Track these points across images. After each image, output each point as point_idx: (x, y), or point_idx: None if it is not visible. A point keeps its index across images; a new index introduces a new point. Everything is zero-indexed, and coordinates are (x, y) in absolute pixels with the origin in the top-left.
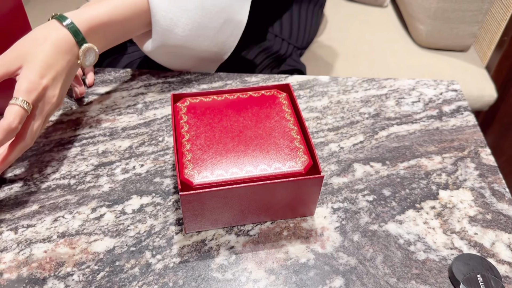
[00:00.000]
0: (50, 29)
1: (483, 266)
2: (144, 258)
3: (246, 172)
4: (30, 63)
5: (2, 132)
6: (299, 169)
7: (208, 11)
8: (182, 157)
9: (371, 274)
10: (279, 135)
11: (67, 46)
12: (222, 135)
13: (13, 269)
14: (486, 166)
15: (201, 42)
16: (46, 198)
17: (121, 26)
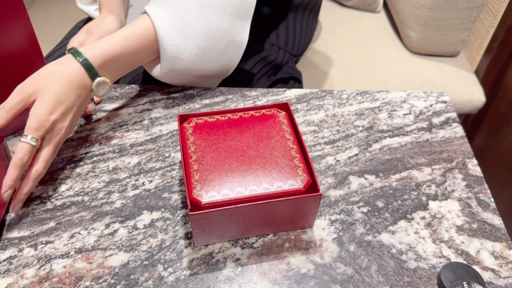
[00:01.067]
0: (66, 66)
1: (469, 274)
2: (156, 271)
3: (250, 191)
4: (42, 98)
5: (15, 167)
6: (299, 187)
7: (211, 36)
8: (191, 177)
9: (367, 283)
10: (279, 154)
11: (80, 81)
12: (227, 155)
13: (36, 284)
14: (473, 176)
15: (206, 64)
16: (62, 215)
17: (131, 57)
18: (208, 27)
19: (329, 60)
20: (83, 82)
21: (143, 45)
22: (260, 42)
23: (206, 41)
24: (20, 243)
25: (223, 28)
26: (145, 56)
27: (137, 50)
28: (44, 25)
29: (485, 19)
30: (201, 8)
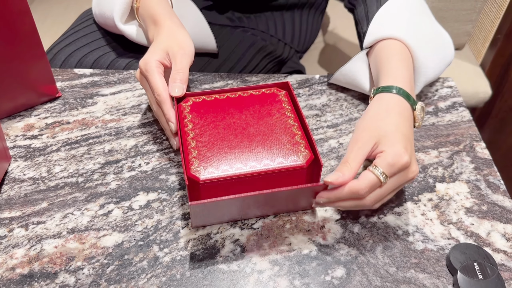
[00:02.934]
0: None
1: (480, 255)
2: (152, 251)
3: (250, 167)
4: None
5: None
6: (301, 163)
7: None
8: (188, 154)
9: (372, 264)
10: (280, 131)
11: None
12: (226, 132)
13: (25, 264)
14: (481, 159)
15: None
16: (55, 196)
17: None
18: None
19: (332, 56)
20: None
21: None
22: (268, 37)
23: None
24: (10, 223)
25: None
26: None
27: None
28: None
29: (490, 10)
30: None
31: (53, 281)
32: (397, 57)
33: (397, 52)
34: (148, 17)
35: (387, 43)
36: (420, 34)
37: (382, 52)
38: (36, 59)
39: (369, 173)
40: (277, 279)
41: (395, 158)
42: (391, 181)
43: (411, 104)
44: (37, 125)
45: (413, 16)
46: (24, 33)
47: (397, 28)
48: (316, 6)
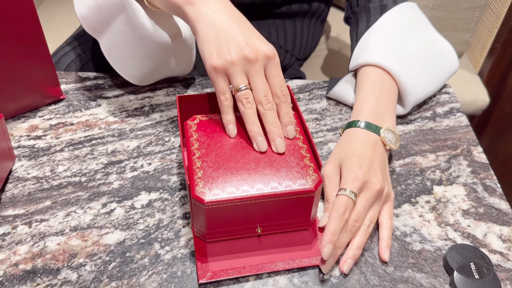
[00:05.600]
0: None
1: (476, 255)
2: (153, 249)
3: (257, 190)
4: None
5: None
6: (310, 187)
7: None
8: (193, 175)
9: (370, 263)
10: (289, 153)
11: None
12: (233, 153)
13: (28, 260)
14: (478, 163)
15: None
16: (58, 195)
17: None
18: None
19: (332, 64)
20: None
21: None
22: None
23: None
24: (14, 220)
25: None
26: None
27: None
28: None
29: (487, 20)
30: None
31: (55, 277)
32: (368, 87)
33: (369, 81)
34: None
35: (365, 69)
36: (406, 55)
37: (359, 80)
38: (41, 62)
39: (338, 197)
40: (277, 277)
41: (351, 176)
42: (361, 197)
43: (373, 131)
44: (41, 126)
45: (400, 37)
46: (30, 36)
47: (377, 54)
48: (318, 15)
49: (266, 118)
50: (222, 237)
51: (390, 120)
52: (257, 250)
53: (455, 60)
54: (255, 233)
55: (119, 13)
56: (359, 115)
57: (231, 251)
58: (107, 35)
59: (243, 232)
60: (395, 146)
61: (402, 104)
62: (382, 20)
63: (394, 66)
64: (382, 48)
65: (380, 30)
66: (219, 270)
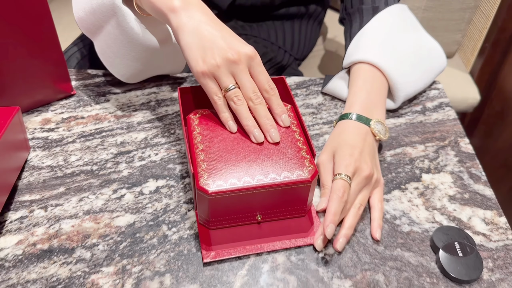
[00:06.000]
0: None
1: (460, 236)
2: (161, 230)
3: (258, 180)
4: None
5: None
6: (307, 177)
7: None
8: (197, 167)
9: (361, 243)
10: (286, 145)
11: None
12: (234, 146)
13: (45, 240)
14: (465, 153)
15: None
16: (71, 182)
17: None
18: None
19: (328, 63)
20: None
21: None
22: (269, 44)
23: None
24: (31, 205)
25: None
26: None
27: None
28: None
29: (478, 21)
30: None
31: (70, 255)
32: (360, 82)
33: (361, 77)
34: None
35: (358, 66)
36: (397, 53)
37: (352, 76)
38: (53, 59)
39: (335, 181)
40: (275, 255)
41: (344, 162)
42: (352, 182)
43: (363, 122)
44: (54, 119)
45: (391, 36)
46: (44, 35)
47: (369, 52)
48: (315, 16)
49: (258, 112)
50: (224, 225)
51: (380, 113)
52: (257, 235)
53: (443, 58)
54: (255, 220)
55: (111, 17)
56: (351, 108)
57: (232, 236)
58: (100, 36)
59: (244, 220)
60: (385, 137)
61: (393, 99)
62: (374, 20)
63: (385, 64)
64: (374, 47)
65: (372, 30)
66: (222, 250)
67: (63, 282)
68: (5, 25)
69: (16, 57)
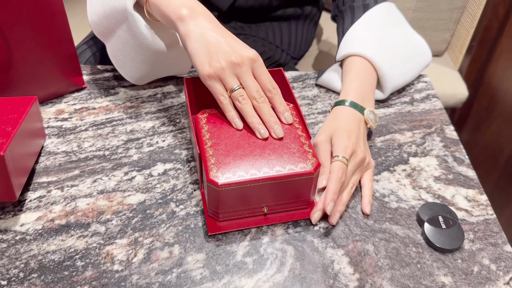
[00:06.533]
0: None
1: (444, 211)
2: (169, 207)
3: (264, 173)
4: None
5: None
6: (310, 169)
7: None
8: (207, 162)
9: (353, 218)
10: (290, 140)
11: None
12: (240, 142)
13: (62, 217)
14: (450, 139)
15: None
16: (85, 165)
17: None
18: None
19: (324, 62)
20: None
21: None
22: (267, 43)
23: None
24: (48, 186)
25: None
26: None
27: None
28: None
29: (465, 21)
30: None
31: (86, 229)
32: (354, 73)
33: (355, 68)
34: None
35: (351, 59)
36: (386, 47)
37: (345, 67)
38: (67, 55)
39: (334, 163)
40: (274, 228)
41: (342, 144)
42: (350, 164)
43: (358, 110)
44: (67, 110)
45: (381, 32)
46: (58, 32)
47: (361, 45)
48: (311, 17)
49: (262, 110)
50: (232, 217)
51: (371, 102)
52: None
53: (428, 54)
54: (262, 212)
55: (123, 22)
56: (346, 96)
57: (238, 224)
58: (112, 40)
59: (252, 212)
60: (374, 125)
61: (381, 90)
62: (365, 17)
63: (375, 57)
64: (365, 41)
65: (363, 25)
66: (226, 225)
67: (80, 252)
68: (24, 24)
69: (32, 52)
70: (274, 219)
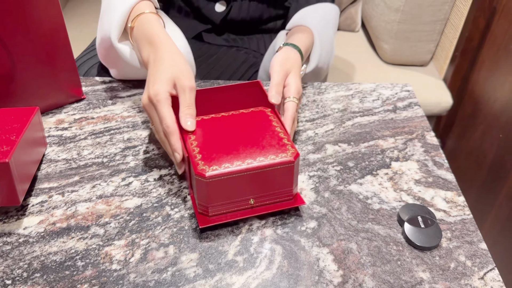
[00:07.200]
0: (294, 53)
1: (423, 211)
2: (165, 210)
3: (248, 163)
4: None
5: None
6: (290, 158)
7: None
8: (193, 158)
9: (337, 219)
10: (270, 137)
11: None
12: (224, 140)
13: (63, 220)
14: (430, 144)
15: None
16: (84, 172)
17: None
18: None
19: None
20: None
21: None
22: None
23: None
24: (49, 191)
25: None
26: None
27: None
28: None
29: (448, 32)
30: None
31: (86, 232)
32: (301, 35)
33: (301, 33)
34: (143, 37)
35: (299, 28)
36: (318, 23)
37: (300, 28)
38: (67, 67)
39: (289, 103)
40: (264, 229)
41: (298, 88)
42: (299, 102)
43: (302, 62)
44: (67, 120)
45: (322, 18)
46: (59, 46)
47: (305, 20)
48: None
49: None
50: (222, 210)
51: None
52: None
53: None
54: (249, 205)
55: (111, 49)
56: (298, 43)
57: (227, 218)
58: (110, 63)
59: (239, 205)
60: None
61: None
62: (319, 6)
63: (316, 30)
64: (313, 18)
65: (315, 9)
66: (216, 219)
67: (81, 253)
68: (26, 38)
69: (34, 65)
70: (260, 210)
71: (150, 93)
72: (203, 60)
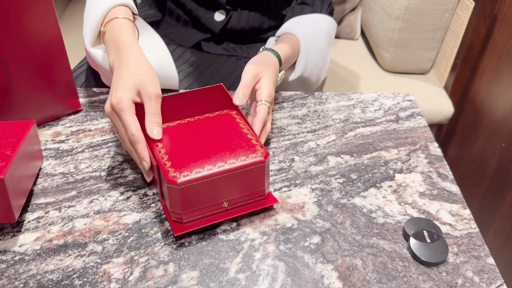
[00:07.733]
0: (270, 58)
1: (429, 225)
2: (164, 226)
3: (219, 166)
4: (269, 77)
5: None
6: (260, 158)
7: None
8: (163, 166)
9: (341, 233)
10: (239, 139)
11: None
12: (193, 145)
13: (60, 237)
14: (434, 156)
15: (314, 75)
16: (82, 186)
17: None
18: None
19: None
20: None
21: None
22: None
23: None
24: (46, 207)
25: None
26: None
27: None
28: None
29: (449, 40)
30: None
31: (84, 249)
32: (286, 42)
33: (287, 40)
34: (112, 42)
35: (287, 35)
36: (307, 32)
37: (283, 38)
38: (64, 79)
39: (261, 106)
40: (266, 245)
41: (270, 92)
42: (270, 106)
43: (280, 65)
44: (64, 132)
45: (314, 28)
46: (56, 58)
47: (294, 29)
48: None
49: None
50: (196, 216)
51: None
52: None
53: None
54: (223, 208)
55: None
56: (280, 51)
57: (202, 221)
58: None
59: (213, 209)
60: (277, 84)
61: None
62: (312, 16)
63: (301, 37)
64: (303, 28)
65: (307, 19)
66: (191, 225)
67: (78, 271)
68: (22, 50)
69: (30, 77)
70: (235, 212)
71: (112, 101)
72: (203, 70)
